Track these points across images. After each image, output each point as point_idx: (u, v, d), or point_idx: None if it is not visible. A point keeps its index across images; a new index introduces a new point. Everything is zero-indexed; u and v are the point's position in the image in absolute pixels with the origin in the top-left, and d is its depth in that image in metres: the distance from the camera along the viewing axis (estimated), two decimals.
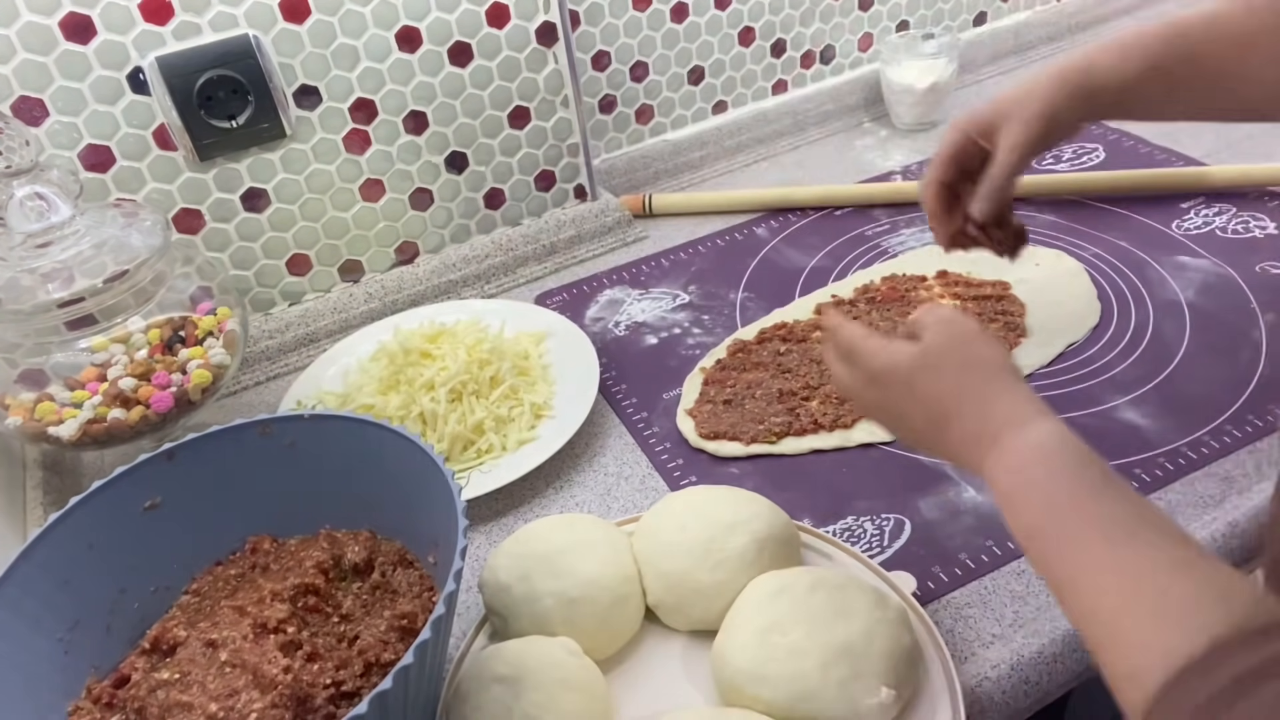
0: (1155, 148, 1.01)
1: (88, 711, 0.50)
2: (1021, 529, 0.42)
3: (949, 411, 0.46)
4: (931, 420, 0.47)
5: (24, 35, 0.71)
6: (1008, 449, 0.43)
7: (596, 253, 0.99)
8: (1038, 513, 0.41)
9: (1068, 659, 0.55)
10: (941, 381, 0.47)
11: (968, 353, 0.48)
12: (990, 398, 0.46)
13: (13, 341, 0.68)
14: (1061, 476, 0.41)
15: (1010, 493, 0.43)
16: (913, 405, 0.48)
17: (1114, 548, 0.37)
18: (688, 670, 0.56)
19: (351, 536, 0.58)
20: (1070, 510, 0.40)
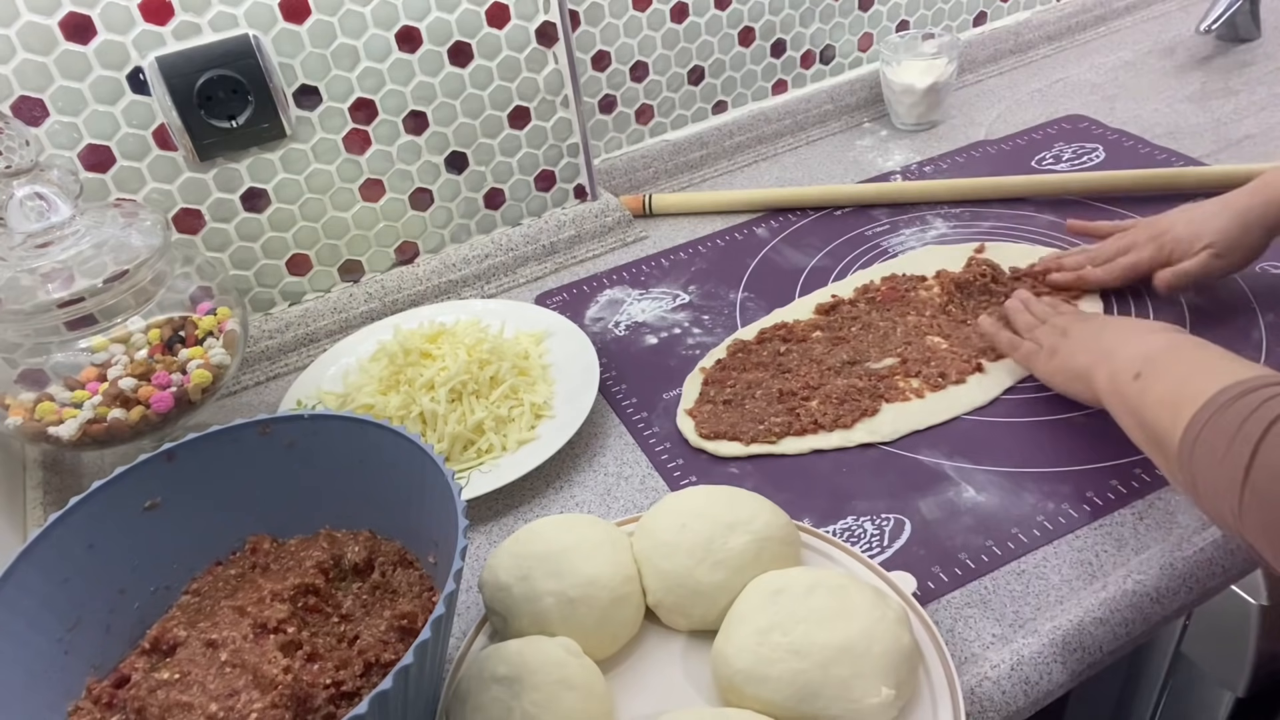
0: (1155, 148, 1.01)
1: (88, 711, 0.50)
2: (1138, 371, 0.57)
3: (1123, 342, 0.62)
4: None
5: (24, 35, 0.71)
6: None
7: (596, 253, 0.99)
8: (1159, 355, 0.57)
9: (1068, 659, 0.55)
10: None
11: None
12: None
13: (13, 341, 0.68)
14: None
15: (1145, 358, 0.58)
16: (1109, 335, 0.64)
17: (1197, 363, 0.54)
18: (688, 670, 0.56)
19: (351, 536, 0.58)
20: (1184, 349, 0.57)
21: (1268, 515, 0.43)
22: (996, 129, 1.11)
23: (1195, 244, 0.72)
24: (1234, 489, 0.45)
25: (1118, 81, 1.17)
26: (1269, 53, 1.17)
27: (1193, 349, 0.57)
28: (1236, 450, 0.45)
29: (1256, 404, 0.46)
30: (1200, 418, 0.49)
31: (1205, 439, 0.48)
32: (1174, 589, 0.58)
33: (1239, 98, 1.09)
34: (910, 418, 0.71)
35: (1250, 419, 0.45)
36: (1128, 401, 0.57)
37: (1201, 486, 0.49)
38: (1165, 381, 0.54)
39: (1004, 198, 0.97)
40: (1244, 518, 0.45)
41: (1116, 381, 0.59)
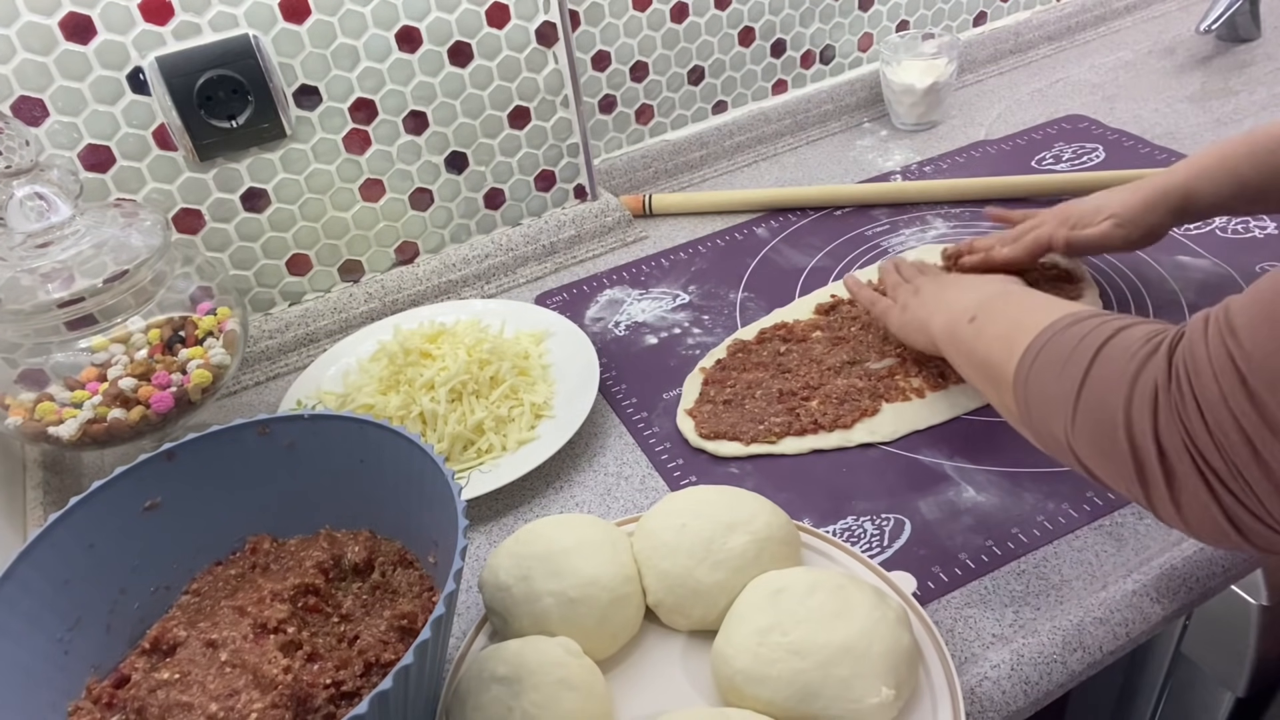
0: (1155, 148, 1.01)
1: (88, 711, 0.50)
2: (968, 320, 0.61)
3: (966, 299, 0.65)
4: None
5: (24, 35, 0.71)
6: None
7: (596, 253, 0.99)
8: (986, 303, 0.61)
9: (1068, 659, 0.55)
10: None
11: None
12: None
13: (13, 341, 0.68)
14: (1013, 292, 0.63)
15: (973, 308, 0.62)
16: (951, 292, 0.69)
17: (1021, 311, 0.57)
18: (688, 670, 0.56)
19: (351, 536, 0.58)
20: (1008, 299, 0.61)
21: (1097, 425, 0.45)
22: (996, 129, 1.11)
23: (1098, 215, 0.74)
24: (1067, 405, 0.47)
25: (1118, 81, 1.17)
26: (1269, 53, 1.17)
27: (1024, 294, 0.61)
28: (1071, 369, 0.47)
29: (1087, 330, 0.48)
30: (1036, 344, 0.51)
31: (1040, 362, 0.50)
32: (1174, 589, 0.58)
33: (1239, 98, 1.09)
34: (910, 418, 0.71)
35: (1085, 340, 0.48)
36: (963, 343, 0.61)
37: (1035, 409, 0.50)
38: (999, 321, 0.57)
39: (1004, 198, 0.97)
40: (1075, 431, 0.47)
41: (953, 326, 0.63)
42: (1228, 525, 0.40)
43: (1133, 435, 0.43)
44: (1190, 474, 0.41)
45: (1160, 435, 0.41)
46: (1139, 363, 0.44)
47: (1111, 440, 0.44)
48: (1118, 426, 0.43)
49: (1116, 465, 0.44)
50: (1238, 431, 0.38)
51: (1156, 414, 0.42)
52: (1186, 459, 0.40)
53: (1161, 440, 0.41)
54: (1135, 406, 0.43)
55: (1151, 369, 0.43)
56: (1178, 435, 0.41)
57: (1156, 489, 0.43)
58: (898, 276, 0.78)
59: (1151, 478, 0.42)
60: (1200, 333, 0.41)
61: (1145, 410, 0.42)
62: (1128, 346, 0.45)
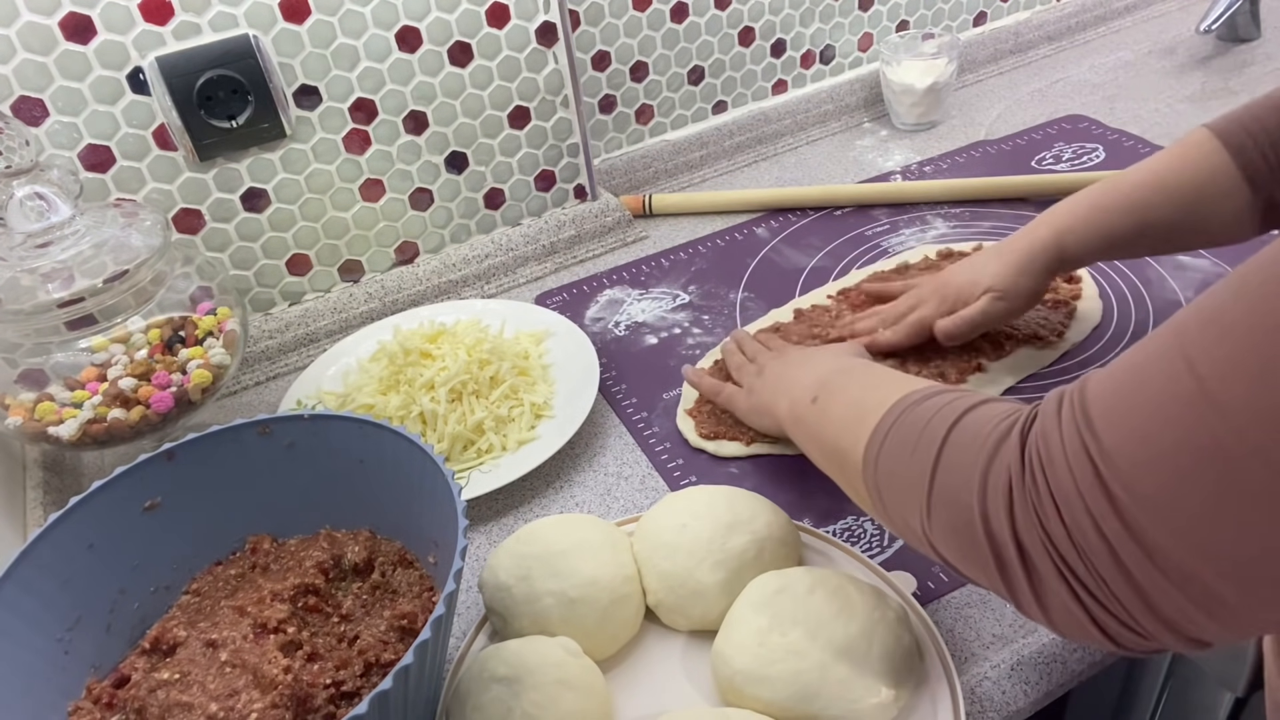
0: (1155, 148, 1.01)
1: (88, 711, 0.50)
2: (810, 403, 0.58)
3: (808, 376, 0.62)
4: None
5: (24, 35, 0.71)
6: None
7: (596, 253, 0.99)
8: (827, 385, 0.57)
9: (1068, 659, 0.55)
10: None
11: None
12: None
13: (13, 341, 0.68)
14: (849, 370, 0.58)
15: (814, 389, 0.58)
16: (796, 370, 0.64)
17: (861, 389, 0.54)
18: (688, 670, 0.56)
19: (351, 536, 0.58)
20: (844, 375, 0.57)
21: (952, 518, 0.41)
22: (996, 129, 1.11)
23: (975, 290, 0.72)
24: (920, 495, 0.43)
25: (1118, 81, 1.17)
26: (1269, 53, 1.17)
27: (864, 370, 0.57)
28: (921, 453, 0.43)
29: (934, 411, 0.44)
30: (880, 430, 0.47)
31: (887, 451, 0.46)
32: None
33: (1239, 98, 1.09)
34: None
35: (933, 420, 0.44)
36: (807, 426, 0.57)
37: (887, 497, 0.46)
38: (841, 400, 0.54)
39: (1004, 198, 0.97)
40: (931, 524, 0.43)
41: (795, 408, 0.59)
42: (1092, 627, 0.37)
43: (990, 531, 0.39)
44: (1051, 574, 0.37)
45: (1018, 532, 0.38)
46: (990, 449, 0.40)
47: (969, 535, 0.40)
48: (974, 521, 0.40)
49: (977, 561, 0.40)
50: (1096, 533, 0.34)
51: (1012, 509, 0.38)
52: (1046, 559, 0.37)
53: (1020, 538, 0.38)
54: (990, 500, 0.39)
55: (1004, 457, 0.39)
56: (1035, 533, 0.37)
57: (1019, 587, 0.39)
58: (741, 357, 0.74)
59: (1013, 575, 0.39)
60: (1054, 418, 0.37)
61: (1000, 504, 0.38)
62: (979, 429, 0.41)
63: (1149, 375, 0.33)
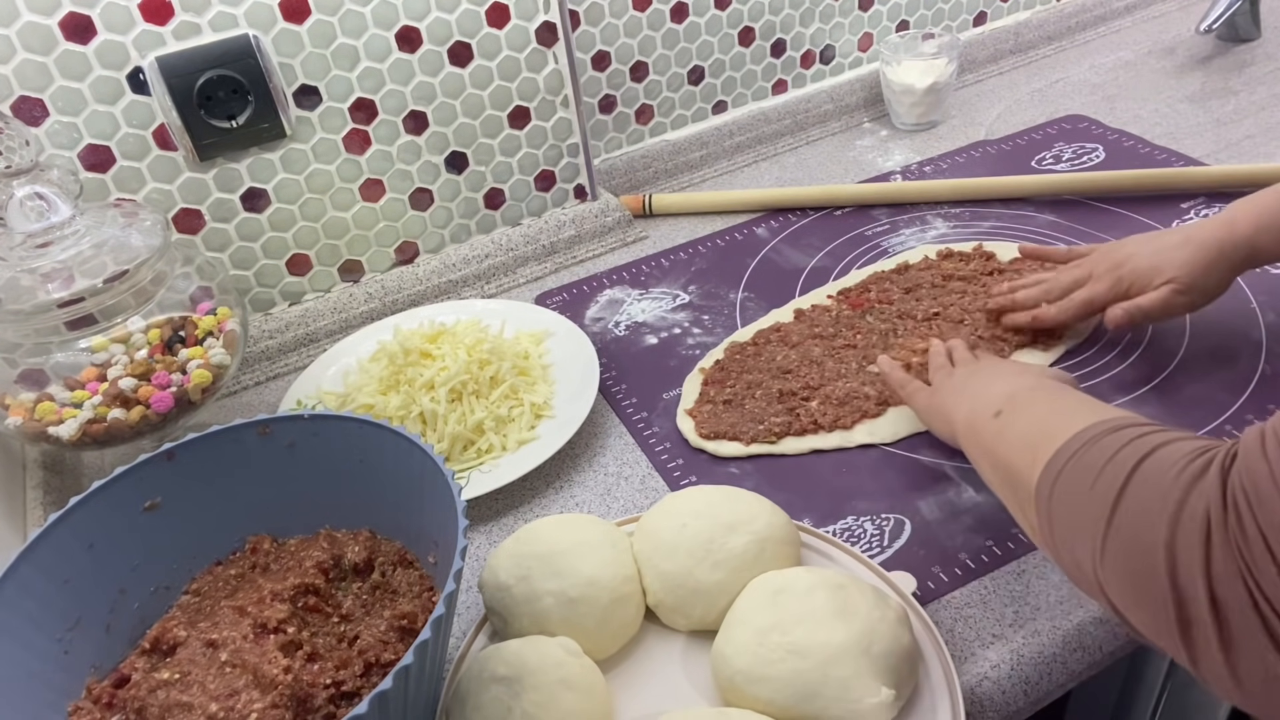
0: (1155, 148, 1.01)
1: (88, 711, 0.50)
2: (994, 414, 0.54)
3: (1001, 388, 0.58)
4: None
5: (24, 35, 0.71)
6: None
7: (596, 253, 0.99)
8: (1016, 398, 0.54)
9: (1068, 659, 0.55)
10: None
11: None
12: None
13: (13, 341, 0.68)
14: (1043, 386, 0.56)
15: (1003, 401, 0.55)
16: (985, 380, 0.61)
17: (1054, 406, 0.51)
18: (688, 670, 0.56)
19: (351, 536, 0.58)
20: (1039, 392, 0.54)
21: (1131, 561, 0.38)
22: (996, 129, 1.11)
23: (1156, 278, 0.67)
24: (1096, 532, 0.40)
25: (1118, 81, 1.17)
26: (1269, 53, 1.17)
27: (1058, 391, 0.53)
28: (1101, 490, 0.40)
29: (1123, 442, 0.42)
30: (1061, 456, 0.44)
31: (1066, 478, 0.43)
32: None
33: (1239, 98, 1.09)
34: (912, 419, 0.71)
35: (1116, 457, 0.41)
36: (983, 440, 0.54)
37: (1059, 530, 0.44)
38: (1024, 420, 0.51)
39: (1004, 198, 0.97)
40: (1104, 565, 0.40)
41: (975, 418, 0.56)
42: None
43: (1176, 576, 0.35)
44: (1251, 625, 0.33)
45: (1213, 577, 0.34)
46: (1185, 485, 0.36)
47: (1149, 580, 0.37)
48: (1158, 565, 0.36)
49: (1153, 610, 0.37)
50: None
51: (1209, 551, 0.34)
52: (1248, 607, 0.33)
53: (1214, 583, 0.34)
54: (1181, 541, 0.35)
55: (1201, 493, 0.35)
56: (1237, 577, 0.33)
57: (1204, 643, 0.35)
58: (943, 359, 0.69)
59: (1198, 628, 0.35)
60: (1257, 449, 0.34)
61: (1195, 546, 0.35)
62: (1171, 465, 0.38)
63: None
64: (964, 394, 0.60)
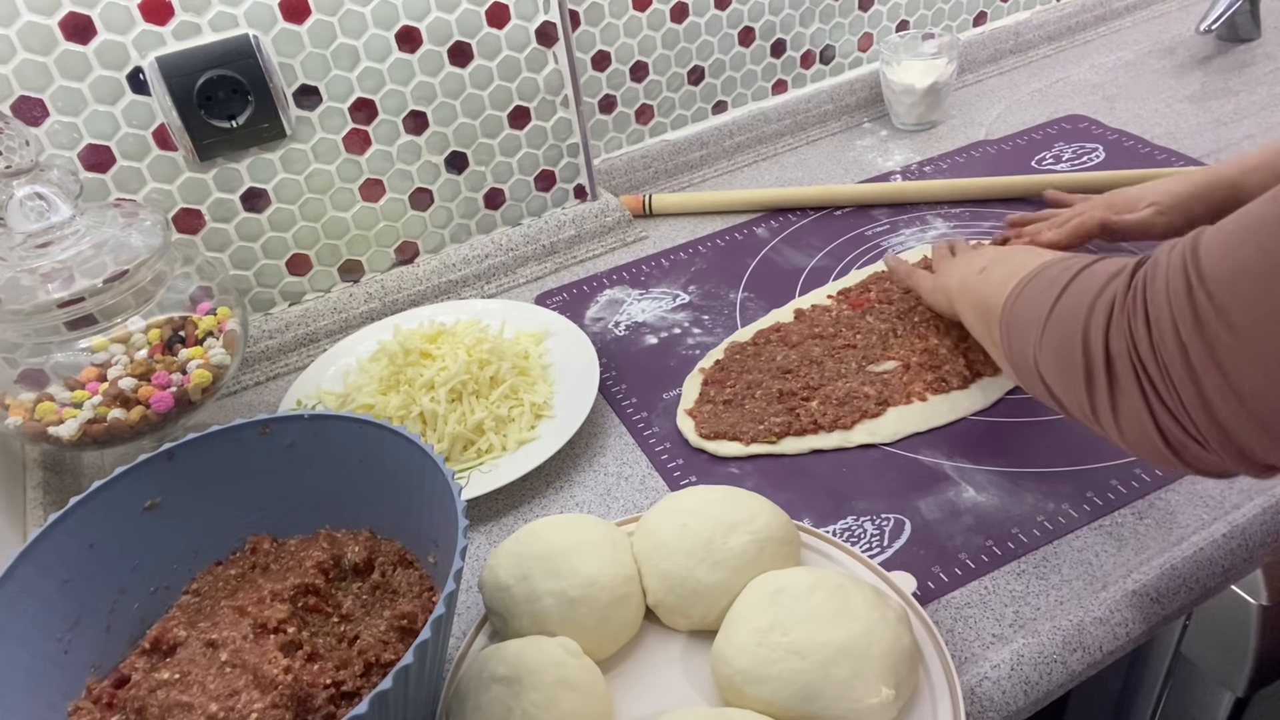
0: (1155, 148, 1.01)
1: (88, 711, 0.50)
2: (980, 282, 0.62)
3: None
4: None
5: (24, 35, 0.71)
6: None
7: (596, 253, 0.99)
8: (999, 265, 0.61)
9: (1068, 659, 0.55)
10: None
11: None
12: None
13: (13, 341, 0.68)
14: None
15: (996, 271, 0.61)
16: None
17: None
18: (688, 670, 0.56)
19: (351, 536, 0.58)
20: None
21: (1059, 340, 0.47)
22: (996, 129, 1.11)
23: (1140, 202, 0.76)
24: (1037, 326, 0.49)
25: (1118, 81, 1.17)
26: (1269, 53, 1.17)
27: (1032, 251, 0.60)
28: (1045, 295, 0.49)
29: (1072, 262, 0.50)
30: (1024, 280, 0.53)
31: (1023, 294, 0.53)
32: (1174, 589, 0.58)
33: (1239, 98, 1.09)
34: (911, 420, 0.71)
35: (1064, 271, 0.50)
36: (970, 292, 0.63)
37: (1013, 336, 0.53)
38: (1002, 268, 0.59)
39: (1004, 198, 0.97)
40: (1041, 349, 0.49)
41: (965, 278, 0.65)
42: (1158, 438, 0.42)
43: (1087, 343, 0.44)
44: (1130, 381, 0.42)
45: (1109, 342, 0.43)
46: (1104, 281, 0.45)
47: (1069, 350, 0.46)
48: (1075, 337, 0.45)
49: (1070, 376, 0.46)
50: (1174, 339, 0.39)
51: (1110, 322, 0.43)
52: (1128, 365, 0.42)
53: (1110, 345, 0.43)
54: (1093, 317, 0.44)
55: (1114, 286, 0.44)
56: (1124, 340, 0.42)
57: (1100, 396, 0.44)
58: (945, 250, 0.79)
59: (1097, 384, 0.44)
60: (1164, 254, 0.42)
61: (1100, 319, 0.44)
62: (1099, 272, 0.47)
63: (1258, 219, 0.37)
64: (958, 264, 0.70)
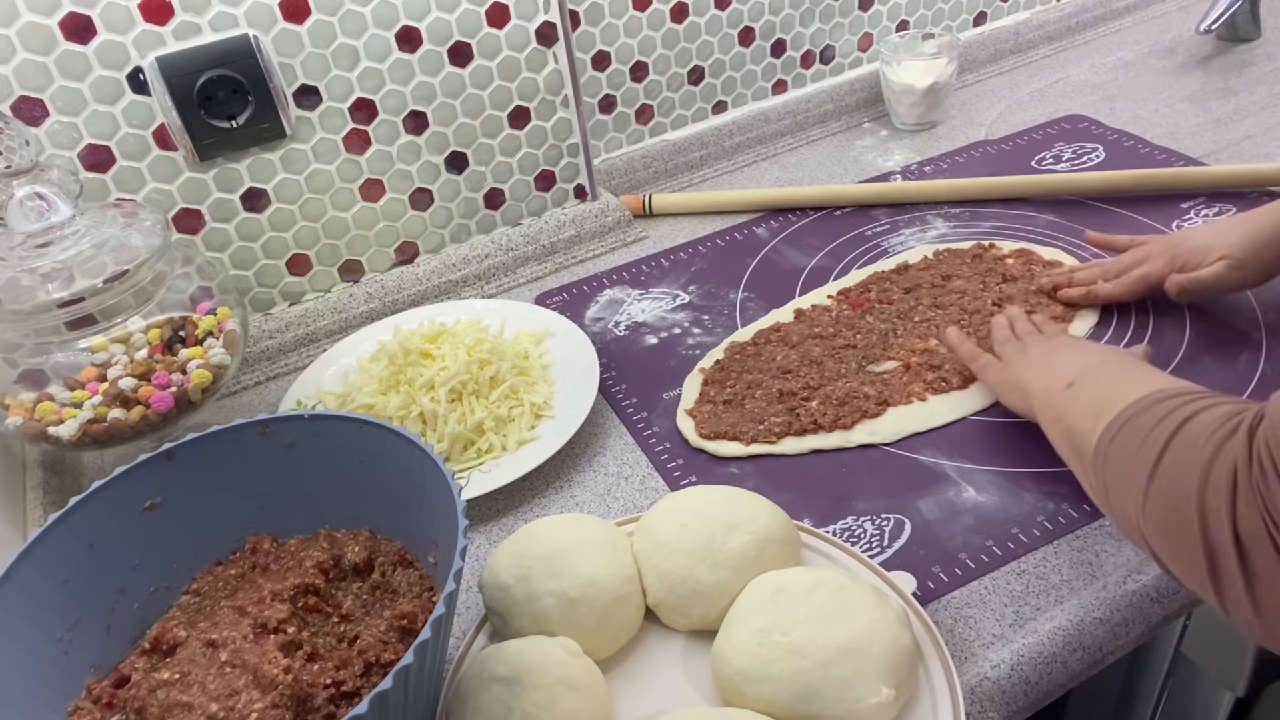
0: (1155, 148, 1.01)
1: (88, 711, 0.50)
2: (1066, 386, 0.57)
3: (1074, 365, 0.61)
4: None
5: (24, 35, 0.71)
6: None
7: (596, 253, 0.99)
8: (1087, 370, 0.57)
9: (1068, 659, 0.55)
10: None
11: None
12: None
13: (13, 341, 0.68)
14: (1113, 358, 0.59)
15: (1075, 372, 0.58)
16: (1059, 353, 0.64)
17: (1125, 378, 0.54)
18: (688, 670, 0.56)
19: (351, 536, 0.58)
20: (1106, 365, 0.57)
21: (1168, 512, 0.42)
22: (996, 129, 1.11)
23: (1210, 255, 0.71)
24: (1140, 486, 0.45)
25: (1118, 81, 1.17)
26: (1269, 53, 1.17)
27: (1123, 363, 0.57)
28: (1147, 450, 0.45)
29: (1169, 409, 0.46)
30: (1117, 421, 0.49)
31: (1119, 441, 0.48)
32: (1174, 589, 0.58)
33: (1239, 98, 1.09)
34: (912, 420, 0.71)
35: (1164, 420, 0.45)
36: (1055, 409, 0.57)
37: (1111, 487, 0.48)
38: (1092, 390, 0.55)
39: (1004, 198, 0.97)
40: (1146, 517, 0.44)
41: (1049, 392, 0.59)
42: None
43: (1206, 522, 0.39)
44: (1272, 566, 0.36)
45: (1238, 522, 0.37)
46: (1216, 444, 0.40)
47: (1182, 528, 0.40)
48: (1190, 514, 0.40)
49: (1187, 556, 0.40)
50: None
51: (1235, 499, 0.38)
52: (1268, 548, 0.36)
53: (1239, 528, 0.37)
54: (1210, 491, 0.39)
55: (1229, 451, 0.39)
56: (1258, 520, 0.36)
57: (1231, 584, 0.38)
58: (1008, 332, 0.73)
59: (1225, 571, 0.38)
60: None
61: (1222, 495, 0.38)
62: (1206, 427, 0.42)
63: None
64: (1039, 366, 0.64)
